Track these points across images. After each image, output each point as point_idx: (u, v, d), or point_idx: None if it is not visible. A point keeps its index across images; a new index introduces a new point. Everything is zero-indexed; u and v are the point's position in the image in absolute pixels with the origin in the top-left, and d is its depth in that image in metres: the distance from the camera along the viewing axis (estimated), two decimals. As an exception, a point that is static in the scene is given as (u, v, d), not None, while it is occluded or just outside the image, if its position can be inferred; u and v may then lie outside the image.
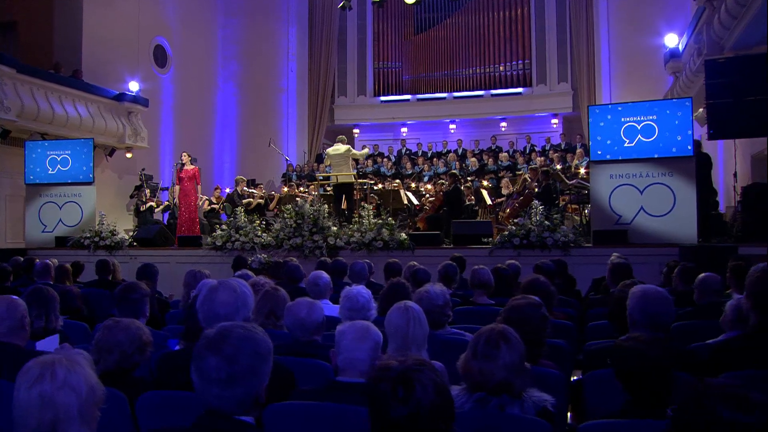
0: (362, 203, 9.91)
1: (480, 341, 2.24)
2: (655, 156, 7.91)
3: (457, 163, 14.99)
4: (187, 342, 3.08)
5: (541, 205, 8.47)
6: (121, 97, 12.78)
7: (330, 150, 10.10)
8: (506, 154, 15.08)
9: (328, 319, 3.29)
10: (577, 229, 8.48)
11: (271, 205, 11.95)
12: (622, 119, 8.18)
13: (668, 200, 7.86)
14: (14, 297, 2.72)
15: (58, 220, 10.43)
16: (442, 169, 14.89)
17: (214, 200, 12.02)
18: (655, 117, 7.89)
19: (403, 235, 8.73)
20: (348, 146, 10.17)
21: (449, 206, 10.03)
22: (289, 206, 9.04)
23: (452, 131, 17.61)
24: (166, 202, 12.36)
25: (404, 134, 17.94)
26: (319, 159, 16.55)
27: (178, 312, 4.53)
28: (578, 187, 11.09)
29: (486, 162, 14.98)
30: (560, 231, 8.27)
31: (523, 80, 16.98)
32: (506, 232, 8.50)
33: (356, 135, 17.51)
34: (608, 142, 8.28)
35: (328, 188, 10.99)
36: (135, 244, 9.79)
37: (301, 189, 12.79)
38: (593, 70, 15.46)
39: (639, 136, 8.03)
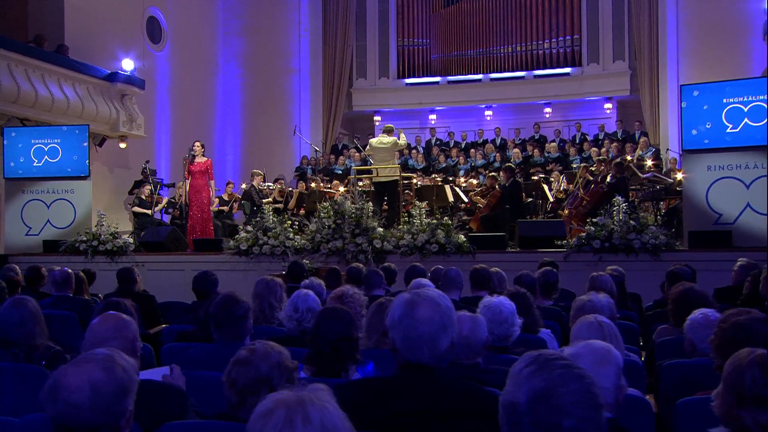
0: (411, 200, 9.68)
1: (744, 382, 1.91)
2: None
3: (497, 154, 14.73)
4: (312, 366, 2.83)
5: (624, 202, 8.28)
6: (113, 77, 12.42)
7: (374, 141, 9.91)
8: (554, 144, 14.83)
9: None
10: (669, 232, 8.26)
11: (291, 204, 11.67)
12: (724, 100, 7.97)
13: (782, 195, 7.65)
14: (113, 312, 2.43)
15: (46, 220, 10.16)
16: (480, 161, 14.64)
17: (225, 197, 11.75)
18: (766, 96, 7.67)
19: (462, 237, 8.50)
20: (394, 138, 9.97)
21: (510, 204, 9.80)
22: (326, 204, 8.80)
23: (488, 118, 17.36)
24: (166, 199, 12.08)
25: (433, 122, 17.68)
26: (335, 150, 16.29)
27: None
28: (653, 181, 10.90)
29: (531, 153, 14.74)
30: (648, 232, 8.05)
31: (571, 59, 16.68)
32: (583, 234, 8.29)
33: (377, 123, 17.23)
34: (694, 131, 8.11)
35: (360, 184, 10.74)
36: (141, 248, 9.51)
37: (321, 185, 12.53)
38: (656, 46, 15.11)
39: (746, 119, 7.83)
